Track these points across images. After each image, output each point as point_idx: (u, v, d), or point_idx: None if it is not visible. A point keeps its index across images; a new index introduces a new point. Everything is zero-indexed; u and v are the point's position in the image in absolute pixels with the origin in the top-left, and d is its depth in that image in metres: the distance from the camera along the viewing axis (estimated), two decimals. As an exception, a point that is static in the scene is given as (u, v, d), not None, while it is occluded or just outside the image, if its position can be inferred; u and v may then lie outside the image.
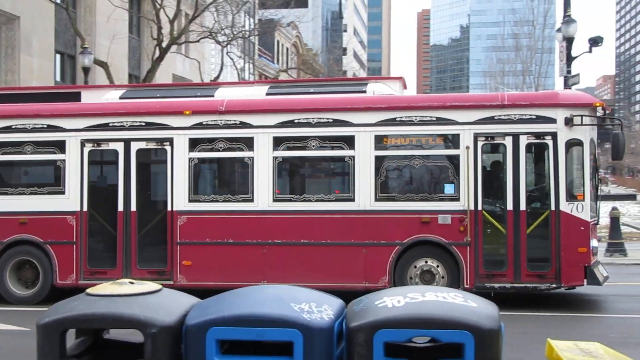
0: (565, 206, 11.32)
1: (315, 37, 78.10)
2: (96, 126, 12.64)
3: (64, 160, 12.65)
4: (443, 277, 11.67)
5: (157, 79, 28.00)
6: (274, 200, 12.14)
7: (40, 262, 12.59)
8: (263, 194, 12.13)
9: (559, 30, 26.68)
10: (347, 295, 11.82)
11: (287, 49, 64.99)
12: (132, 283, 5.26)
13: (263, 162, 12.14)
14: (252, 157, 12.21)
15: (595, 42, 25.28)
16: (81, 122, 12.66)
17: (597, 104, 11.69)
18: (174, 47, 27.88)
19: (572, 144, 11.48)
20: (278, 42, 61.28)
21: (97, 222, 12.65)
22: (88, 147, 12.63)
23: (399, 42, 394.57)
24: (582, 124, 11.41)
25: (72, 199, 12.59)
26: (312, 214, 12.07)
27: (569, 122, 11.38)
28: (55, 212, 12.60)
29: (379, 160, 11.94)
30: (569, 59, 25.05)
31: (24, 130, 12.73)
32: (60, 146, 12.72)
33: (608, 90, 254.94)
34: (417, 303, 4.71)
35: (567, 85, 24.21)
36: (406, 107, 12.05)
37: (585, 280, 11.33)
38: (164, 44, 26.25)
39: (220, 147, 12.37)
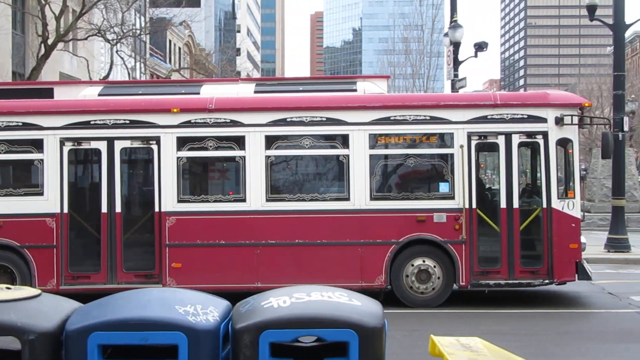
0: (556, 204, 11.72)
1: (209, 37, 77.39)
2: (76, 124, 12.08)
3: (42, 160, 12.04)
4: (439, 276, 11.87)
5: (44, 77, 27.07)
6: (267, 200, 12.00)
7: (17, 268, 11.94)
8: (256, 194, 11.97)
9: (446, 35, 27.50)
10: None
11: (180, 48, 64.10)
12: (8, 289, 5.06)
13: (255, 161, 11.97)
14: (244, 157, 12.02)
15: (480, 47, 26.22)
16: (60, 120, 12.08)
17: (586, 104, 12.19)
18: (60, 45, 27.01)
19: (562, 142, 11.90)
20: (170, 41, 60.35)
21: (79, 224, 12.14)
22: (68, 146, 12.07)
23: (293, 43, 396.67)
24: (572, 124, 11.80)
25: (51, 200, 11.99)
26: (306, 213, 11.97)
27: (559, 121, 11.76)
28: (33, 215, 11.95)
29: (373, 159, 12.02)
30: (456, 63, 25.86)
31: None
32: (37, 145, 12.10)
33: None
34: (303, 303, 4.74)
35: (454, 89, 24.97)
36: (400, 105, 12.23)
37: (576, 276, 11.76)
38: (49, 41, 25.39)
39: (210, 146, 12.10)
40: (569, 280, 11.95)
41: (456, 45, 25.81)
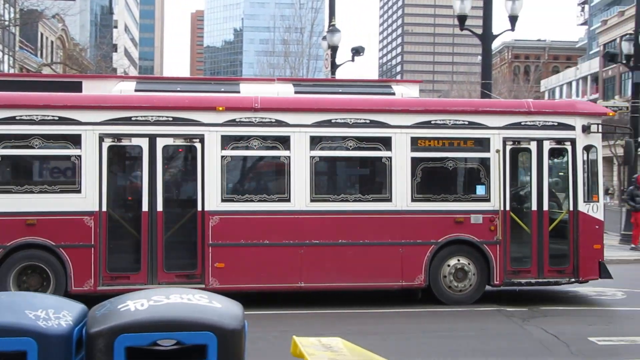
0: (582, 207, 12.59)
1: (83, 31, 74.98)
2: (117, 120, 11.78)
3: (79, 156, 11.65)
4: (474, 274, 12.42)
5: None
6: (312, 200, 12.14)
7: (52, 268, 11.54)
8: (300, 194, 12.10)
9: (324, 39, 27.82)
10: (384, 294, 12.75)
11: (52, 42, 61.71)
12: None
13: (300, 161, 12.10)
14: (289, 157, 12.13)
15: (357, 51, 26.68)
16: (99, 115, 11.75)
17: (610, 114, 13.16)
18: None
19: (587, 149, 12.73)
20: (42, 34, 57.97)
21: (118, 223, 11.92)
22: (107, 142, 11.75)
23: (173, 41, 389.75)
24: (597, 132, 12.71)
25: (89, 198, 11.63)
26: (349, 214, 12.22)
27: (586, 129, 12.62)
28: (69, 213, 11.59)
29: (414, 161, 12.37)
30: (334, 66, 26.21)
31: (31, 122, 11.53)
32: (74, 140, 11.70)
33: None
34: (161, 305, 4.62)
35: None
36: (441, 110, 12.64)
37: (599, 275, 12.58)
38: None
39: (255, 146, 12.16)
40: (592, 279, 12.71)
41: (334, 49, 26.16)
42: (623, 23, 74.31)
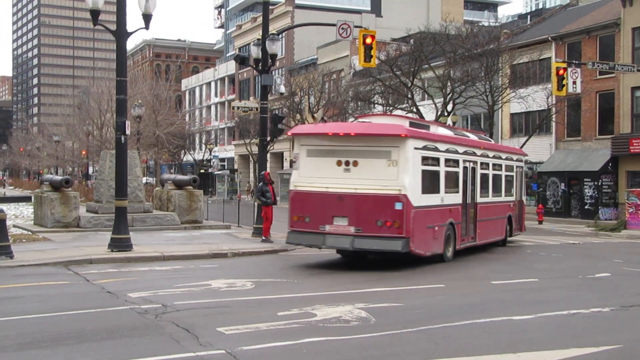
0: (523, 198, 28.45)
1: None
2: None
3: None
4: (509, 230, 26.08)
5: None
6: (479, 196, 22.93)
7: (454, 235, 20.38)
8: (479, 193, 23.19)
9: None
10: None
11: None
12: None
13: (491, 175, 24.33)
14: (487, 174, 23.90)
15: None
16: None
17: (527, 155, 30.50)
18: None
19: (523, 172, 28.20)
20: None
21: (464, 210, 21.43)
22: (463, 164, 21.49)
23: None
24: (525, 163, 29.59)
25: (460, 194, 21.21)
26: (493, 203, 24.11)
27: (525, 162, 29.05)
28: (455, 204, 20.72)
29: (504, 176, 25.41)
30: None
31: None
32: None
33: (6, 91, 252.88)
34: None
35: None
36: (505, 151, 26.74)
37: (524, 230, 28.61)
38: None
39: (484, 169, 23.34)
40: (522, 233, 28.48)
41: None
42: (255, 29, 79.14)
